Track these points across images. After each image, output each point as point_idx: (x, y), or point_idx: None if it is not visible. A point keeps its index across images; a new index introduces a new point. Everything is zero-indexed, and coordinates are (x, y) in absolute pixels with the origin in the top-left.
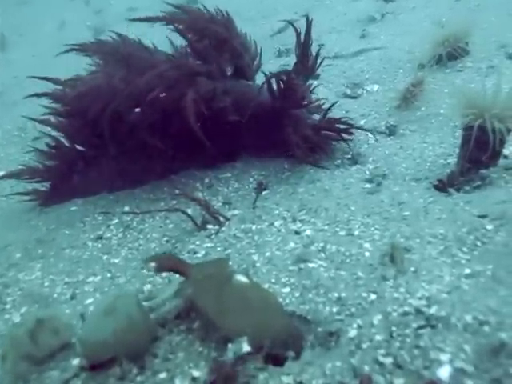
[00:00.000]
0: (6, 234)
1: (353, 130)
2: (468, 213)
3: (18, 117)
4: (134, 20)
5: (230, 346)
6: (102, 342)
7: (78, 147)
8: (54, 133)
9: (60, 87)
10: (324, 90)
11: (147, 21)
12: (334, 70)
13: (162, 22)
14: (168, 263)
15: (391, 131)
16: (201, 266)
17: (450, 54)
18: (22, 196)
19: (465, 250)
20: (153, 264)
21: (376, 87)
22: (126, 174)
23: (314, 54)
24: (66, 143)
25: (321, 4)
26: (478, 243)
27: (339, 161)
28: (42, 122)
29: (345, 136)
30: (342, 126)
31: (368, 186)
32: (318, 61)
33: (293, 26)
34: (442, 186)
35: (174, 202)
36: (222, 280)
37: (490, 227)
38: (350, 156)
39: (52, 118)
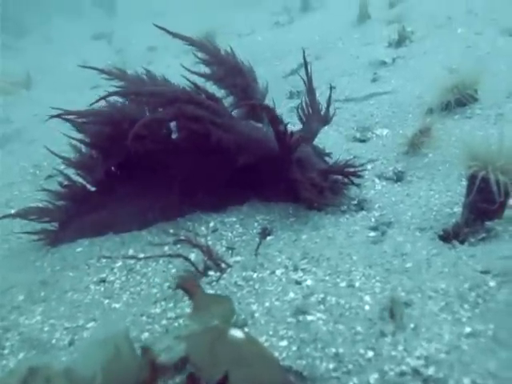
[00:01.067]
0: (13, 275)
1: (362, 174)
2: (471, 268)
3: (34, 154)
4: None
5: None
6: (89, 374)
7: (88, 187)
8: (67, 171)
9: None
10: (334, 133)
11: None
12: (345, 113)
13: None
14: (185, 284)
15: (398, 177)
16: (207, 298)
17: (459, 100)
18: (31, 235)
19: (466, 307)
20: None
21: (385, 131)
22: (134, 215)
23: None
24: (78, 182)
25: (334, 47)
26: (480, 300)
27: (345, 206)
28: (61, 157)
29: (354, 180)
30: (350, 170)
31: (372, 234)
32: (331, 110)
33: (303, 75)
34: (446, 237)
35: (179, 246)
36: (217, 335)
37: (492, 284)
38: (356, 202)
39: (70, 154)
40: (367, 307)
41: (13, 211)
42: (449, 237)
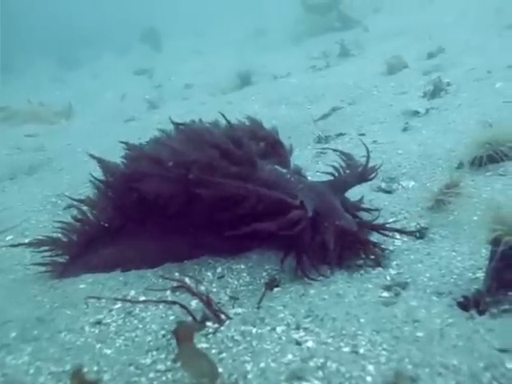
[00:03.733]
0: (10, 309)
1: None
2: (488, 344)
3: (59, 183)
4: None
5: None
6: None
7: (101, 223)
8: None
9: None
10: None
11: None
12: (372, 162)
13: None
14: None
15: (421, 234)
16: (194, 353)
17: (492, 156)
18: (39, 267)
19: None
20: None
21: (412, 183)
22: (142, 254)
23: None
24: (92, 218)
25: (368, 94)
26: (495, 383)
27: (361, 261)
28: (77, 200)
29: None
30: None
31: (386, 294)
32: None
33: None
34: (466, 305)
35: (181, 291)
36: None
37: (510, 366)
38: (373, 256)
39: (85, 196)
40: (369, 378)
41: (27, 240)
42: (468, 305)
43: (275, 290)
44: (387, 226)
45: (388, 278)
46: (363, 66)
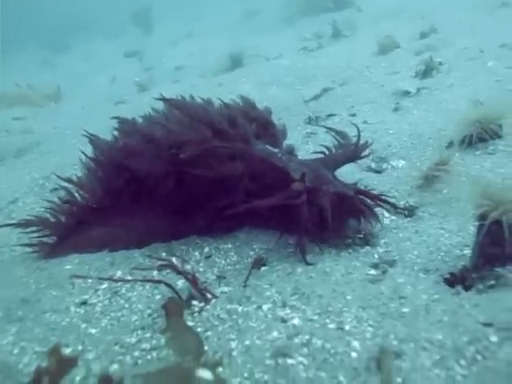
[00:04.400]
0: None
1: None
2: (473, 318)
3: (46, 166)
4: None
5: None
6: None
7: (89, 203)
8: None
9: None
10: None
11: None
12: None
13: None
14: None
15: (409, 212)
16: (183, 329)
17: (482, 135)
18: (26, 248)
19: (463, 363)
20: None
21: (402, 163)
22: (131, 234)
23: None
24: (79, 198)
25: (359, 74)
26: (479, 357)
27: (350, 240)
28: (66, 179)
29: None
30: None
31: (373, 272)
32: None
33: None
34: (453, 281)
35: (168, 270)
36: (182, 375)
37: (494, 339)
38: (362, 235)
39: (74, 177)
40: (354, 354)
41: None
42: (455, 281)
43: (262, 268)
44: (383, 197)
45: (376, 256)
46: (355, 46)
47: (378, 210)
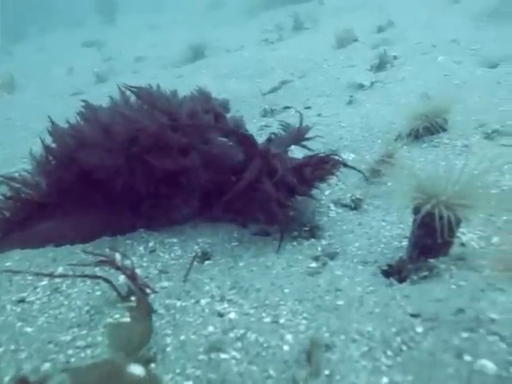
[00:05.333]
0: None
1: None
2: (402, 309)
3: None
4: None
5: None
6: None
7: (34, 199)
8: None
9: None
10: (300, 154)
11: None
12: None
13: None
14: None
15: (356, 205)
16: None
17: (429, 128)
18: None
19: (389, 353)
20: None
21: (352, 156)
22: (77, 229)
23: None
24: (23, 193)
25: (318, 67)
26: (404, 348)
27: (296, 232)
28: (8, 178)
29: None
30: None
31: (314, 265)
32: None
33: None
34: (390, 273)
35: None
36: (112, 371)
37: (419, 330)
38: (308, 228)
39: (21, 172)
40: (286, 347)
41: None
42: (392, 273)
43: (206, 263)
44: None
45: (319, 248)
46: (315, 39)
47: (323, 203)
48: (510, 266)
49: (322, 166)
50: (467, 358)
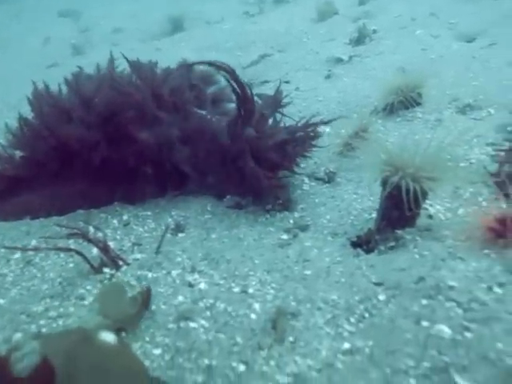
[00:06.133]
0: None
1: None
2: (366, 278)
3: None
4: None
5: None
6: None
7: (8, 173)
8: None
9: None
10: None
11: None
12: (291, 108)
13: None
14: None
15: (330, 178)
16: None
17: (403, 102)
18: None
19: (352, 320)
20: None
21: (327, 130)
22: (54, 202)
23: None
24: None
25: (298, 41)
26: (367, 315)
27: (270, 206)
28: None
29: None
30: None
31: (285, 237)
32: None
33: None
34: (359, 244)
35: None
36: (82, 337)
37: (382, 297)
38: (281, 201)
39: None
40: (253, 316)
41: None
42: (360, 244)
43: (179, 235)
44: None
45: (291, 221)
46: (296, 12)
47: (298, 176)
48: (472, 236)
49: (309, 130)
50: (425, 323)
